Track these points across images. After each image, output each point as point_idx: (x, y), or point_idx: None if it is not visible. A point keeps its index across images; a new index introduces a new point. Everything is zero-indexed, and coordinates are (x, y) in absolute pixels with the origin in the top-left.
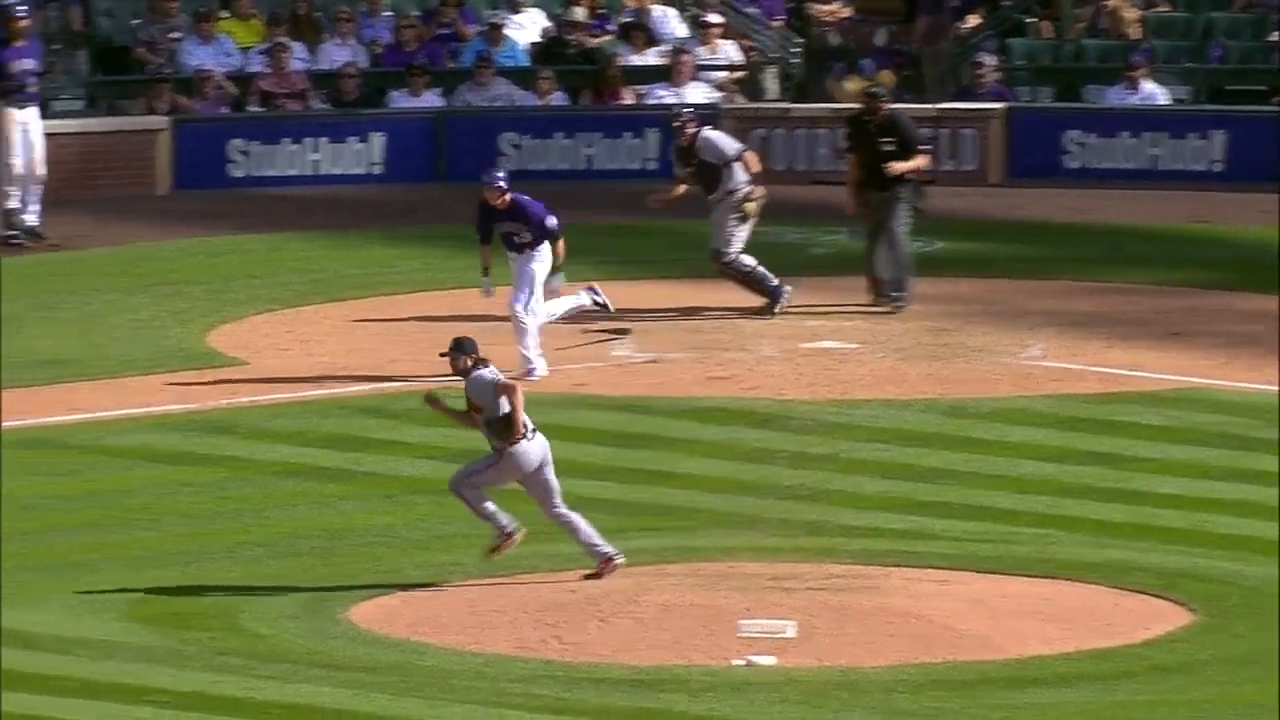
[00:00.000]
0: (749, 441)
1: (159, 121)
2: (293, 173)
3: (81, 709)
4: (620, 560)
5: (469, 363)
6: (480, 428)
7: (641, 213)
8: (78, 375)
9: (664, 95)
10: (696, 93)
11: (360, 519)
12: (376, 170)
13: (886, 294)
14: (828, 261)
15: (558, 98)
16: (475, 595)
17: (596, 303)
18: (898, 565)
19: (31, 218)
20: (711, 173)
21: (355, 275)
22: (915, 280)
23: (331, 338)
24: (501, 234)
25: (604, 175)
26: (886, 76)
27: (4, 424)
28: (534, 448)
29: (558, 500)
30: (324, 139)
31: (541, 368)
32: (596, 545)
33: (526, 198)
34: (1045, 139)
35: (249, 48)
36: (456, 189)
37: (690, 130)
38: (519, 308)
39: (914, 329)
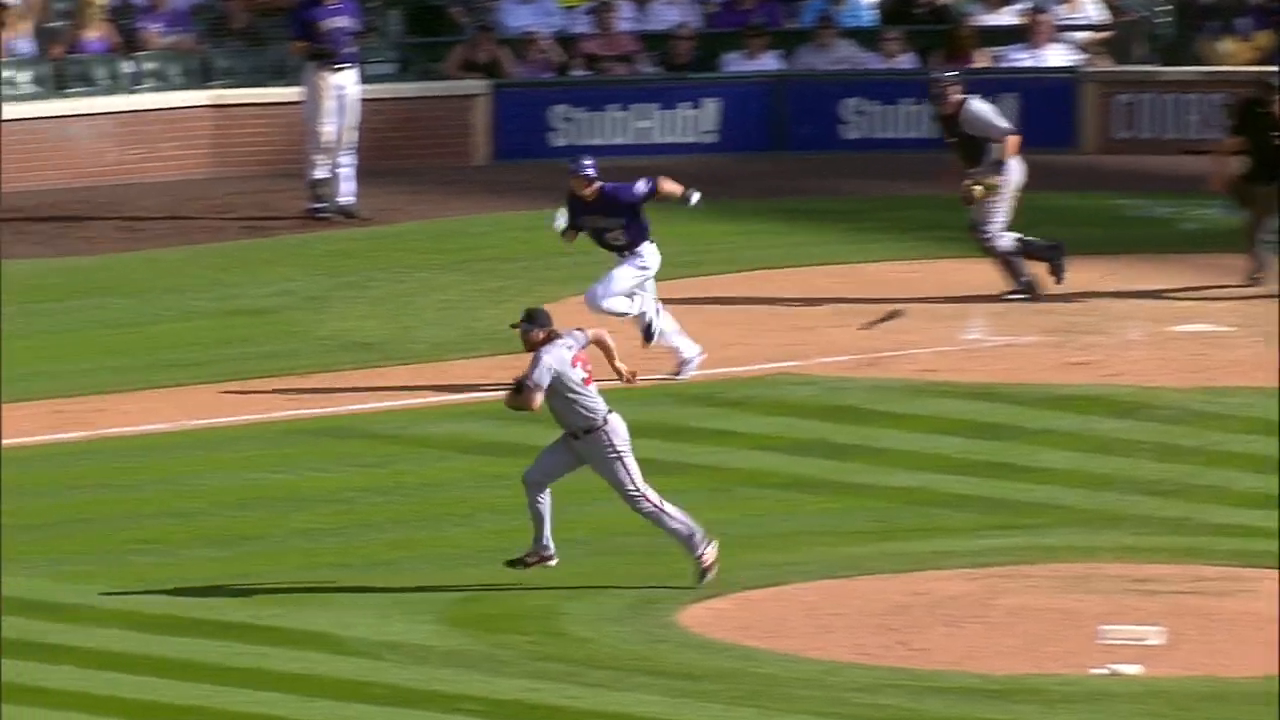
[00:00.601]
0: (1110, 432)
1: (477, 87)
2: (619, 141)
3: (392, 717)
4: (551, 564)
5: (541, 336)
6: (551, 410)
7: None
8: (387, 359)
9: (1021, 57)
10: (1056, 55)
11: (691, 514)
12: (709, 139)
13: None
14: (1199, 238)
15: (905, 60)
16: (813, 597)
17: (647, 327)
18: (1272, 567)
19: (347, 196)
20: (974, 146)
21: (682, 253)
22: None
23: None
24: (591, 230)
25: None
26: (1264, 37)
27: (306, 411)
28: (620, 420)
29: (555, 480)
30: (653, 105)
31: (691, 353)
32: (545, 539)
33: (614, 184)
34: None
35: (573, 7)
36: (795, 159)
37: (954, 98)
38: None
39: None
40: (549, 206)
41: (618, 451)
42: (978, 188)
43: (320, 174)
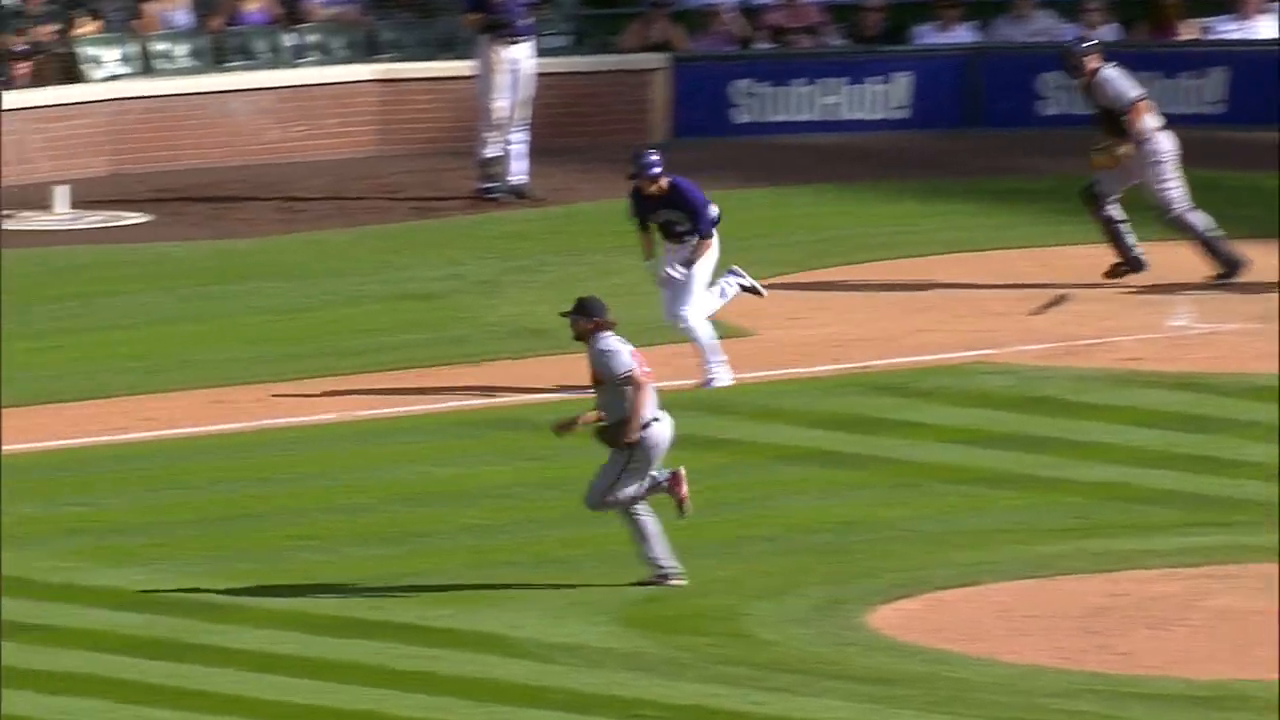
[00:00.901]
0: None
1: (655, 60)
2: (804, 118)
3: None
4: (677, 583)
5: (590, 326)
6: (598, 399)
7: (1213, 162)
8: (559, 346)
9: (1230, 29)
10: (1267, 26)
11: (876, 511)
12: (900, 115)
13: None
14: None
15: (1107, 31)
16: (1008, 598)
17: (744, 286)
18: None
19: (519, 175)
20: (1111, 116)
21: (873, 234)
22: None
23: (847, 305)
24: (660, 222)
25: None
26: None
27: (474, 402)
28: (664, 429)
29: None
30: (841, 80)
31: (723, 377)
32: (656, 556)
33: (686, 182)
34: None
35: None
36: (991, 136)
37: (1091, 66)
38: (683, 313)
39: None
40: (730, 185)
41: (636, 464)
42: (1100, 154)
43: (491, 152)
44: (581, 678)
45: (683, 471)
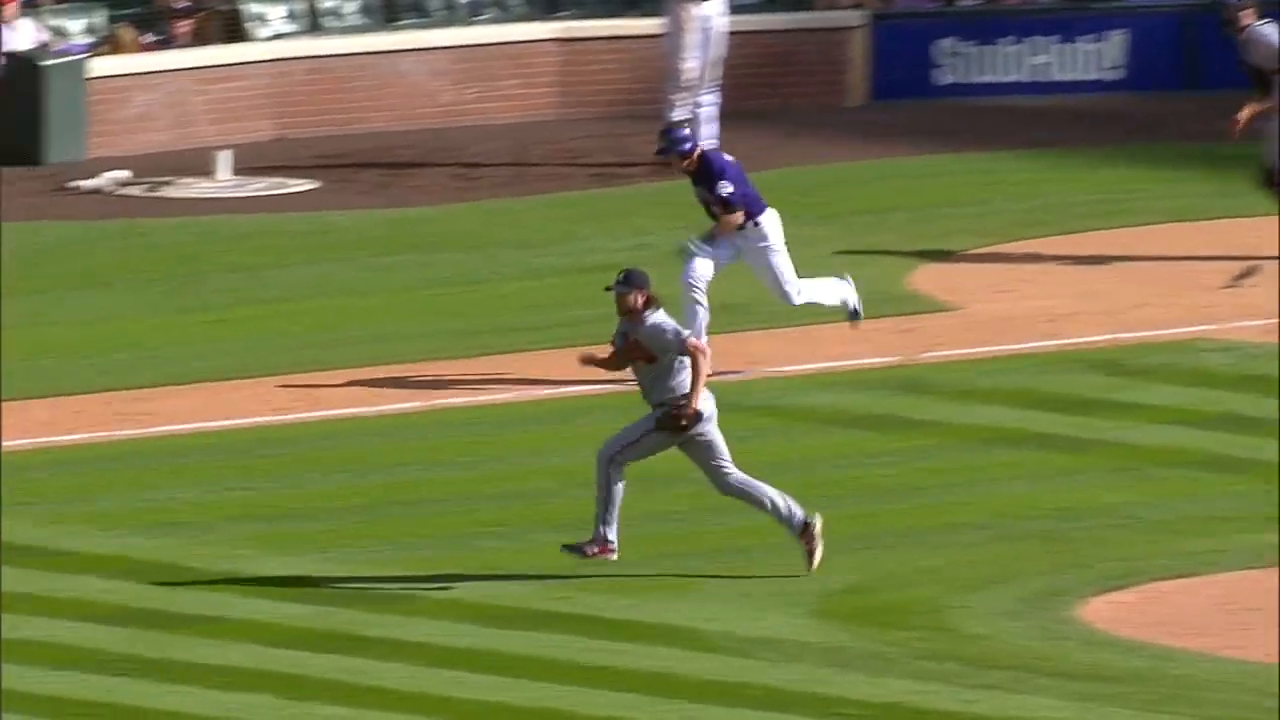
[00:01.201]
0: None
1: (853, 18)
2: (1013, 79)
3: None
4: (818, 525)
5: (640, 301)
6: (640, 379)
7: None
8: (752, 323)
9: None
10: None
11: (1092, 496)
12: (1114, 75)
13: None
14: None
15: None
16: (1231, 590)
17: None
18: None
19: (709, 140)
20: (1261, 76)
21: (1087, 202)
22: None
23: (1058, 277)
24: (703, 203)
25: None
26: None
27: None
28: (700, 406)
29: (725, 462)
30: (1052, 38)
31: (854, 297)
32: (786, 513)
33: (717, 155)
34: None
35: None
36: (1211, 98)
37: (1244, 22)
38: (791, 296)
39: None
40: (934, 150)
41: (663, 440)
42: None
43: (680, 115)
44: (779, 673)
45: (612, 553)
